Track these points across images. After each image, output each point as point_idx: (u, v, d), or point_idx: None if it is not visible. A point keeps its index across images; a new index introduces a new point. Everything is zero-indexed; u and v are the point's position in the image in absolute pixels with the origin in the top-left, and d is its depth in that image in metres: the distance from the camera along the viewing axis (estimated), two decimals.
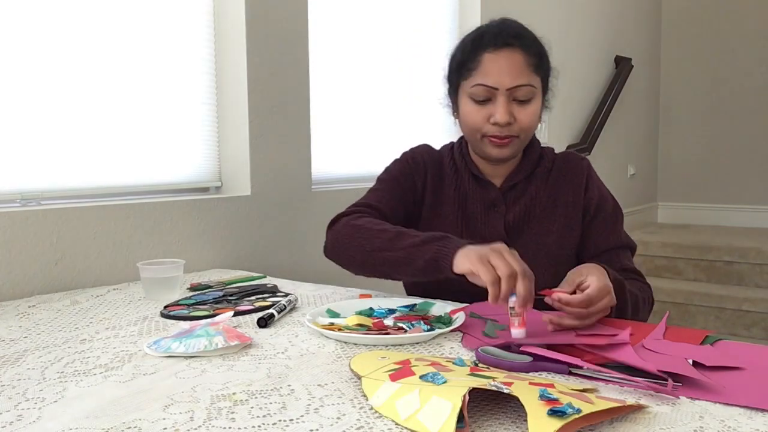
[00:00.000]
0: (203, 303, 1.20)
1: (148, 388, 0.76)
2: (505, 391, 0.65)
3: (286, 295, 1.25)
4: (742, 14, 4.39)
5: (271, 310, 1.08)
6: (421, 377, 0.69)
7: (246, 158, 1.78)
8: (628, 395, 0.72)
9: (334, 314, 1.08)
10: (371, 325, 0.99)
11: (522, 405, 0.62)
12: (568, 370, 0.80)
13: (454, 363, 0.76)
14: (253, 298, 1.25)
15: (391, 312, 1.08)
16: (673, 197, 4.78)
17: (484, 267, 0.94)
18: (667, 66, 4.74)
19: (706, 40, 4.54)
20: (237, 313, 1.12)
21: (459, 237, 1.09)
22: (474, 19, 2.72)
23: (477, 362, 0.81)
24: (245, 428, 0.64)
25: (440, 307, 1.10)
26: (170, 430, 0.63)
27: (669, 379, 0.73)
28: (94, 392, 0.75)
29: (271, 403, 0.70)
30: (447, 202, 1.31)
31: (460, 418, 0.61)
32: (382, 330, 0.96)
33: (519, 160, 1.31)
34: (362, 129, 2.29)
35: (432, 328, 0.96)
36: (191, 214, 1.64)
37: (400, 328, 0.97)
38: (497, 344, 0.88)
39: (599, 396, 0.69)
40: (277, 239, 1.87)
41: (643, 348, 0.89)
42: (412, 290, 1.37)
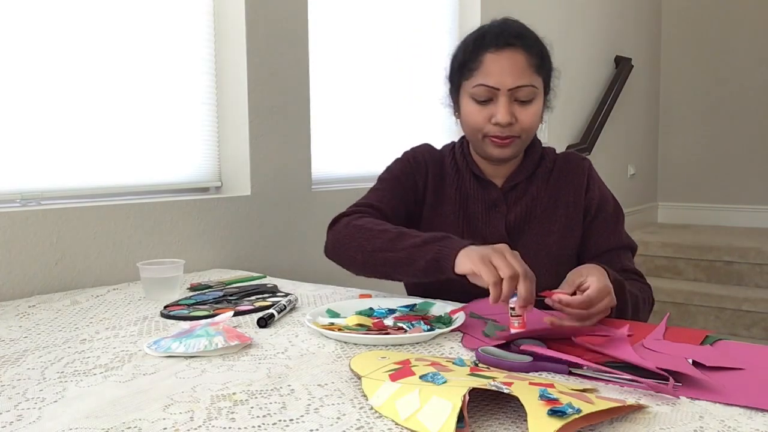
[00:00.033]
0: (203, 303, 1.20)
1: (148, 388, 0.76)
2: (505, 391, 0.65)
3: (286, 295, 1.25)
4: (742, 14, 4.39)
5: (271, 310, 1.08)
6: (421, 377, 0.69)
7: (246, 158, 1.78)
8: (628, 395, 0.72)
9: (334, 314, 1.08)
10: (371, 325, 0.99)
11: (522, 405, 0.62)
12: (568, 370, 0.80)
13: (454, 363, 0.76)
14: (253, 298, 1.25)
15: (391, 312, 1.08)
16: (673, 197, 4.78)
17: (485, 267, 0.94)
18: (667, 66, 4.74)
19: (706, 40, 4.54)
20: (237, 313, 1.12)
21: (460, 237, 1.09)
22: (474, 19, 2.72)
23: (477, 362, 0.81)
24: (245, 428, 0.64)
25: (440, 307, 1.10)
26: (170, 430, 0.63)
27: (670, 377, 0.73)
28: (94, 392, 0.75)
29: (271, 403, 0.70)
30: (448, 202, 1.31)
31: (460, 418, 0.61)
32: (382, 330, 0.96)
33: (520, 160, 1.31)
34: (362, 129, 2.29)
35: (432, 328, 0.96)
36: (191, 214, 1.64)
37: (400, 328, 0.97)
38: (497, 344, 0.88)
39: (599, 396, 0.69)
40: (277, 239, 1.87)
41: (643, 348, 0.89)
42: (413, 290, 1.37)
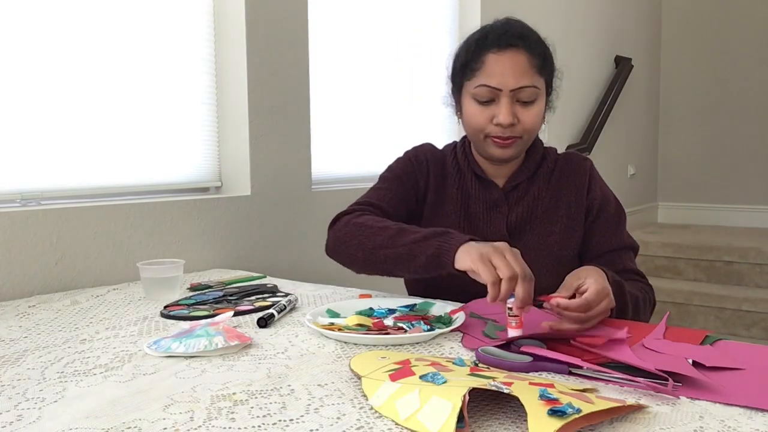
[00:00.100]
0: (203, 303, 1.20)
1: (148, 388, 0.76)
2: (505, 391, 0.65)
3: (286, 295, 1.25)
4: (742, 14, 4.39)
5: (271, 310, 1.08)
6: (421, 377, 0.69)
7: (246, 158, 1.78)
8: (628, 395, 0.72)
9: (334, 314, 1.08)
10: (371, 325, 0.99)
11: (522, 405, 0.62)
12: (568, 370, 0.80)
13: (454, 363, 0.76)
14: (253, 298, 1.25)
15: (391, 312, 1.08)
16: (673, 197, 4.78)
17: (484, 266, 0.94)
18: (667, 66, 4.74)
19: (706, 40, 4.54)
20: (237, 313, 1.12)
21: None
22: (474, 19, 2.72)
23: (477, 362, 0.81)
24: (245, 428, 0.64)
25: (440, 307, 1.10)
26: (170, 430, 0.63)
27: (669, 378, 0.73)
28: (94, 392, 0.75)
29: (271, 403, 0.70)
30: (449, 202, 1.31)
31: (460, 418, 0.61)
32: (382, 330, 0.96)
33: (522, 160, 1.31)
34: (362, 129, 2.29)
35: (432, 328, 0.96)
36: (191, 214, 1.64)
37: (400, 328, 0.97)
38: (497, 344, 0.88)
39: (599, 396, 0.68)
40: (277, 239, 1.87)
41: (643, 348, 0.89)
42: (414, 288, 1.37)
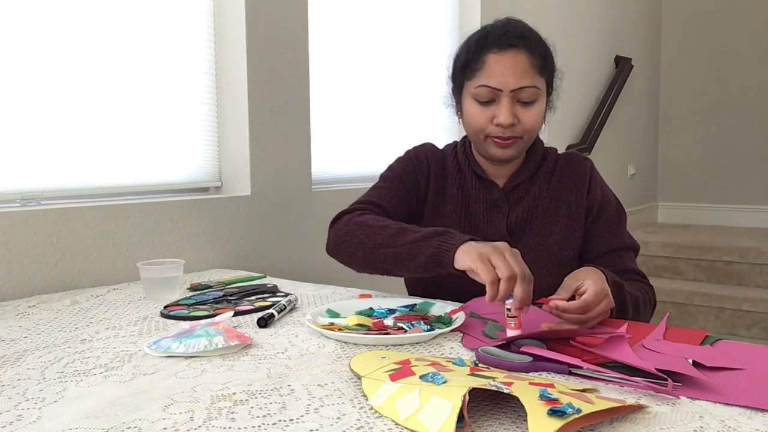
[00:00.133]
0: (203, 303, 1.20)
1: (148, 388, 0.76)
2: (505, 391, 0.65)
3: (286, 295, 1.25)
4: (742, 14, 4.39)
5: (271, 310, 1.08)
6: (421, 377, 0.69)
7: (246, 158, 1.78)
8: (628, 395, 0.72)
9: (334, 314, 1.08)
10: (371, 325, 0.99)
11: (522, 405, 0.62)
12: (568, 370, 0.80)
13: (454, 363, 0.76)
14: (253, 298, 1.25)
15: (391, 312, 1.08)
16: (673, 197, 4.78)
17: (483, 266, 0.94)
18: (667, 66, 4.74)
19: (706, 40, 4.54)
20: (237, 313, 1.12)
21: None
22: (474, 19, 2.72)
23: (477, 362, 0.81)
24: (245, 428, 0.64)
25: (440, 307, 1.10)
26: (170, 430, 0.63)
27: (669, 379, 0.73)
28: (94, 392, 0.75)
29: (271, 403, 0.70)
30: (450, 201, 1.31)
31: (460, 418, 0.61)
32: (382, 330, 0.96)
33: (522, 160, 1.30)
34: (362, 129, 2.29)
35: (432, 328, 0.96)
36: (191, 214, 1.64)
37: (400, 328, 0.97)
38: (497, 344, 0.88)
39: (599, 396, 0.68)
40: (277, 239, 1.87)
41: (643, 348, 0.89)
42: (414, 288, 1.37)
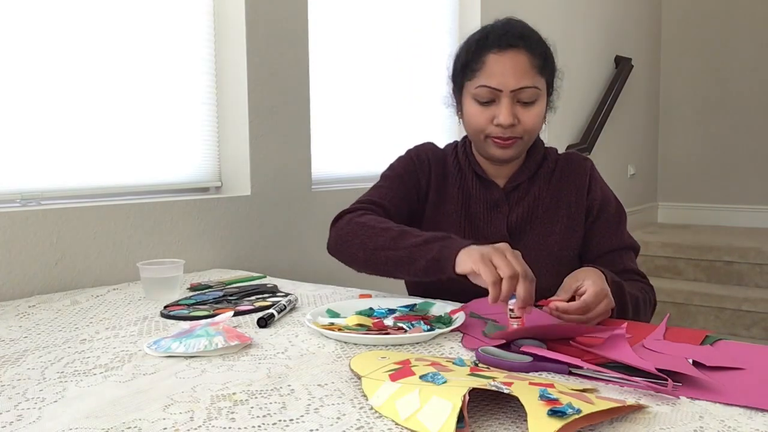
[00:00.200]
0: (203, 303, 1.20)
1: (148, 388, 0.76)
2: (505, 391, 0.65)
3: (286, 295, 1.25)
4: (742, 14, 4.39)
5: (271, 310, 1.08)
6: (421, 377, 0.69)
7: (246, 158, 1.78)
8: (628, 395, 0.72)
9: (334, 314, 1.08)
10: (371, 325, 0.99)
11: (522, 405, 0.62)
12: (568, 370, 0.80)
13: (454, 363, 0.76)
14: (253, 298, 1.25)
15: (391, 312, 1.08)
16: (673, 197, 4.78)
17: (485, 267, 0.94)
18: (667, 66, 4.74)
19: (706, 40, 4.54)
20: (237, 313, 1.12)
21: (462, 236, 1.08)
22: (474, 19, 2.72)
23: (477, 362, 0.81)
24: (245, 428, 0.64)
25: (440, 307, 1.10)
26: (170, 430, 0.63)
27: (669, 379, 0.73)
28: (94, 392, 0.75)
29: (271, 403, 0.70)
30: (450, 201, 1.31)
31: (460, 418, 0.61)
32: (382, 330, 0.96)
33: (522, 160, 1.30)
34: (362, 129, 2.29)
35: (432, 328, 0.96)
36: (191, 214, 1.64)
37: (400, 328, 0.97)
38: (497, 344, 0.88)
39: (599, 396, 0.68)
40: (277, 239, 1.87)
41: (643, 348, 0.89)
42: (414, 290, 1.37)
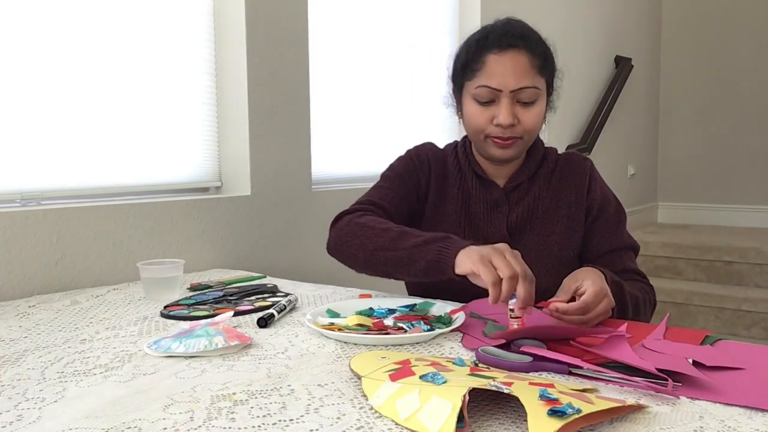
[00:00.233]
0: (203, 303, 1.20)
1: (148, 388, 0.76)
2: (505, 391, 0.65)
3: (286, 295, 1.25)
4: (742, 14, 4.39)
5: (271, 310, 1.08)
6: (421, 377, 0.69)
7: (246, 158, 1.78)
8: (628, 395, 0.72)
9: (334, 314, 1.08)
10: (371, 325, 0.99)
11: (522, 405, 0.62)
12: (568, 370, 0.80)
13: (454, 363, 0.76)
14: (253, 298, 1.25)
15: (391, 312, 1.08)
16: (673, 197, 4.78)
17: (485, 267, 0.94)
18: (667, 66, 4.74)
19: (706, 40, 4.54)
20: (237, 313, 1.12)
21: (461, 236, 1.08)
22: (474, 19, 2.72)
23: (477, 362, 0.81)
24: (245, 428, 0.64)
25: (440, 307, 1.10)
26: (170, 430, 0.63)
27: (669, 379, 0.73)
28: (94, 392, 0.75)
29: (271, 403, 0.70)
30: (450, 201, 1.31)
31: (460, 418, 0.61)
32: (382, 330, 0.96)
33: (522, 160, 1.30)
34: (362, 129, 2.29)
35: (432, 328, 0.96)
36: (191, 214, 1.64)
37: (400, 328, 0.97)
38: (497, 344, 0.88)
39: (599, 396, 0.68)
40: (277, 239, 1.87)
41: (643, 348, 0.89)
42: (414, 290, 1.37)
